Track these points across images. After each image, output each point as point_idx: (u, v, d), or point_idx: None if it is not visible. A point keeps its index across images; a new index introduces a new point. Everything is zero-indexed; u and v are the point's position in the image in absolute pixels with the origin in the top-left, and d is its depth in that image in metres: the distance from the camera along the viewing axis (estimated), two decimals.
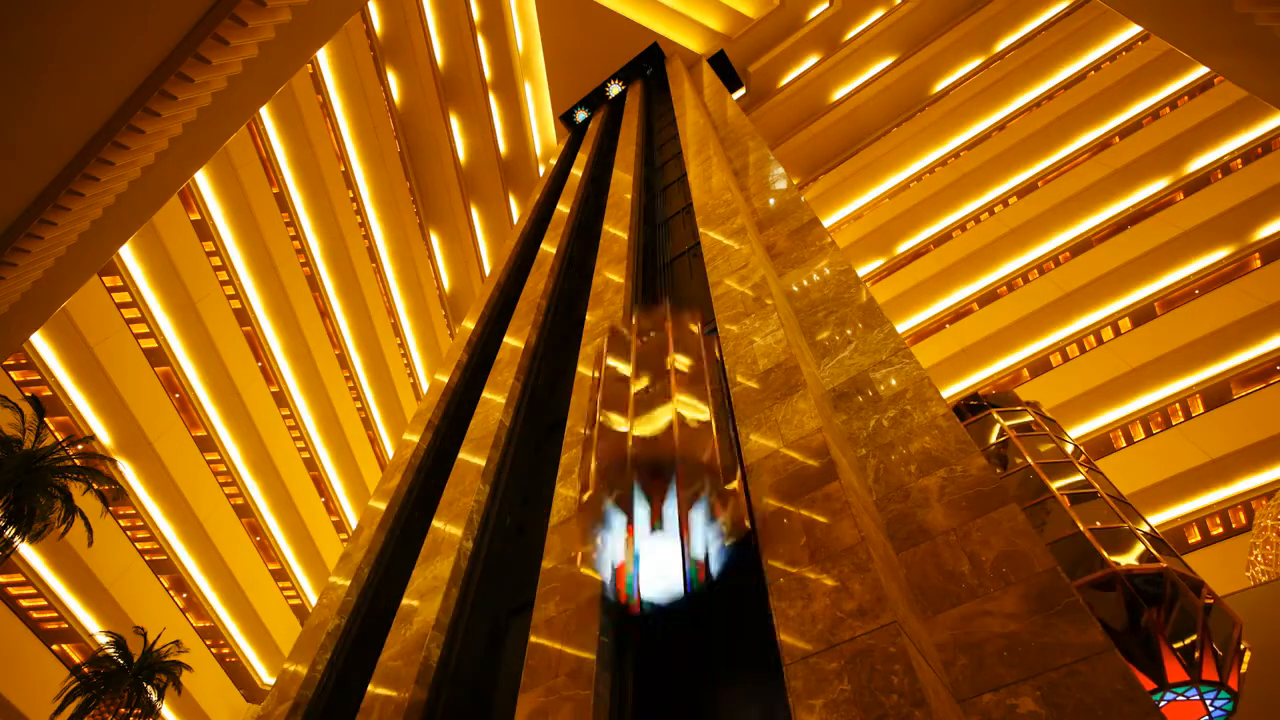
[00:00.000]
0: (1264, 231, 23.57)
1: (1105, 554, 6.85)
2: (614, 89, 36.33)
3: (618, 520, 5.19)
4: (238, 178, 31.03)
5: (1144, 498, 21.72)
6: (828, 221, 35.55)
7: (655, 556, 5.19)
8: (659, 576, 5.26)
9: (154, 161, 13.93)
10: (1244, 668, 6.70)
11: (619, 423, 5.68)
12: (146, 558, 30.57)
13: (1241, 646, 6.71)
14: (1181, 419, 22.87)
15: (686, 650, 5.86)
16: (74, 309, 25.50)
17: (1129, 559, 6.80)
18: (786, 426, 6.33)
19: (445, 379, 16.26)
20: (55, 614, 27.20)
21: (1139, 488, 21.70)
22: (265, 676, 36.29)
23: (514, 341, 14.69)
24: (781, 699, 4.57)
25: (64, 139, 12.57)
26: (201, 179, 30.02)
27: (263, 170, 32.69)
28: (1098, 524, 7.21)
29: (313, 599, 38.39)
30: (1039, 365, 26.76)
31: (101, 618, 27.99)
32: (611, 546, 5.25)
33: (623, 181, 19.00)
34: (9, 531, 18.90)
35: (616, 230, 15.27)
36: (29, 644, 25.60)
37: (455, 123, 37.92)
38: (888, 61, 35.50)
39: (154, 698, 23.83)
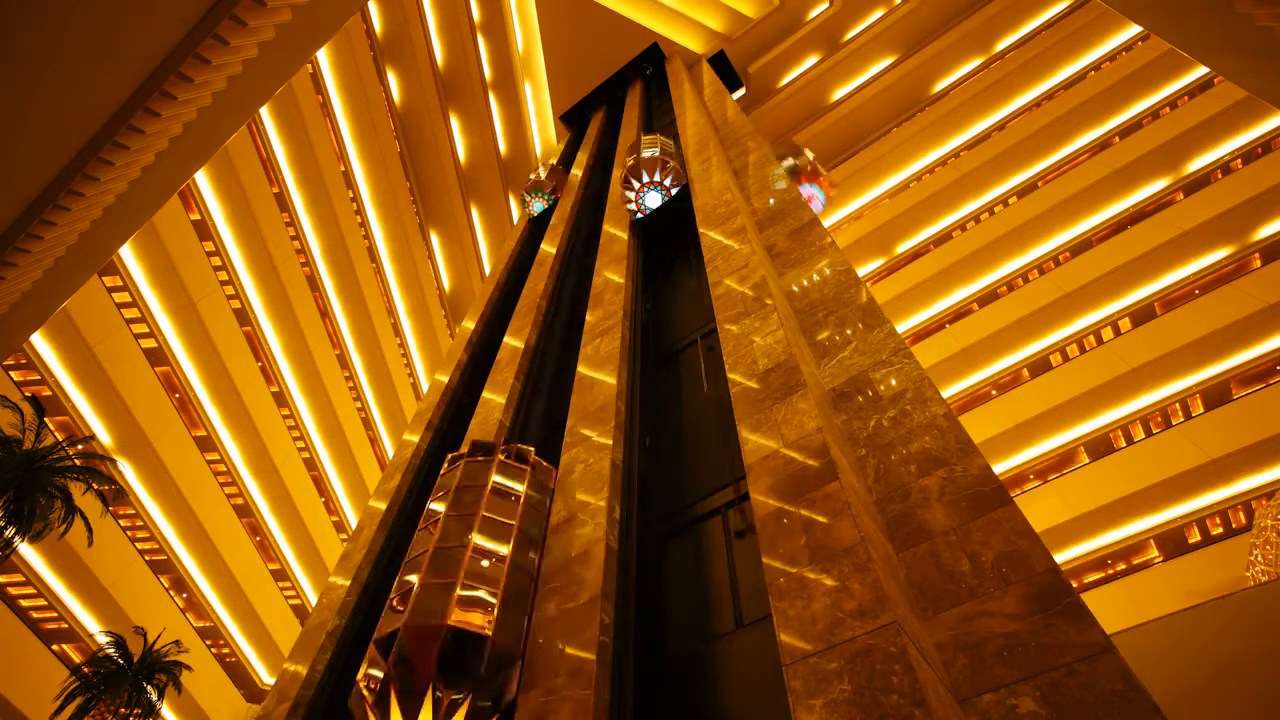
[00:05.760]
0: (1264, 231, 23.55)
1: None
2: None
3: None
4: (238, 178, 31.01)
5: (1144, 498, 21.71)
6: (828, 221, 35.53)
7: None
8: None
9: (154, 161, 13.92)
10: None
11: None
12: (146, 558, 30.56)
13: None
14: (1181, 419, 22.85)
15: None
16: (74, 309, 25.48)
17: None
18: (786, 426, 6.33)
19: (445, 379, 16.26)
20: (55, 614, 27.18)
21: (1139, 488, 21.70)
22: (265, 676, 36.28)
23: (514, 341, 14.68)
24: None
25: (64, 139, 12.57)
26: (201, 179, 30.00)
27: (263, 170, 32.67)
28: None
29: (313, 599, 38.36)
30: (1039, 365, 26.75)
31: (101, 618, 27.98)
32: None
33: None
34: (9, 531, 18.89)
35: (616, 230, 15.26)
36: (29, 644, 25.59)
37: (455, 123, 37.91)
38: (888, 61, 35.47)
39: (154, 698, 23.81)
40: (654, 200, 14.77)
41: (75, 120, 12.39)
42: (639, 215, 14.92)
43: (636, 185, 14.75)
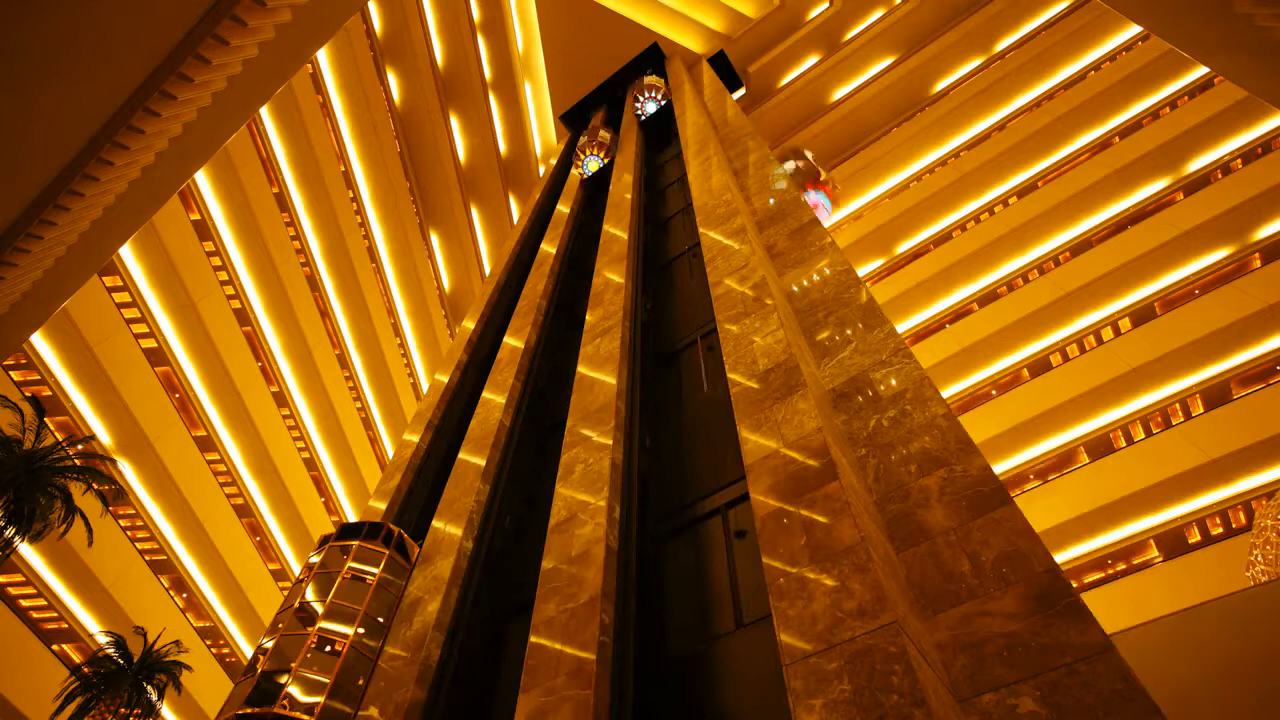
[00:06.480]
0: (1264, 231, 23.55)
1: None
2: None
3: None
4: (238, 178, 31.00)
5: (1144, 498, 21.71)
6: (828, 222, 35.53)
7: None
8: None
9: (154, 161, 13.92)
10: None
11: None
12: (146, 558, 30.55)
13: None
14: (1181, 419, 22.85)
15: None
16: (74, 309, 25.48)
17: None
18: (787, 426, 6.33)
19: (445, 379, 16.26)
20: (55, 614, 27.17)
21: (1139, 488, 21.69)
22: None
23: (514, 341, 14.68)
24: None
25: (64, 139, 12.57)
26: (201, 179, 29.99)
27: (263, 170, 32.66)
28: None
29: None
30: (1039, 365, 26.75)
31: (101, 618, 27.97)
32: None
33: (623, 181, 18.99)
34: (9, 531, 18.88)
35: (616, 230, 15.26)
36: (29, 644, 25.58)
37: (455, 123, 37.89)
38: (888, 61, 35.46)
39: (154, 698, 23.78)
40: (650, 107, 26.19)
41: (75, 120, 12.39)
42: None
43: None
